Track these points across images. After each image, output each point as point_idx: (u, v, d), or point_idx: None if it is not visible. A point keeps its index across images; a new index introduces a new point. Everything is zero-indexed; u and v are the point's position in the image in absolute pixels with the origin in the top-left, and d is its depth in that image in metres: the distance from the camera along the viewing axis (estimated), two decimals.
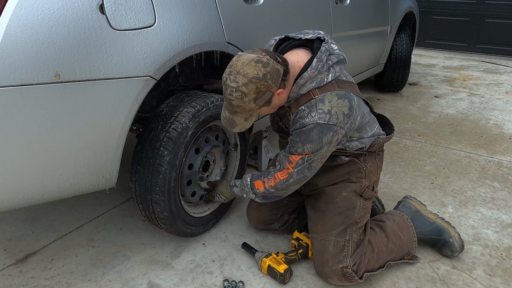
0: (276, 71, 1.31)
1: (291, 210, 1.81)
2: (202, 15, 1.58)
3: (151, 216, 1.63)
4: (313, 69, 1.38)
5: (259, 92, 1.31)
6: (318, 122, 1.37)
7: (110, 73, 1.28)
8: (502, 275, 1.61)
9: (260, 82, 1.29)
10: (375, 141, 1.58)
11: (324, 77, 1.40)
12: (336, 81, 1.42)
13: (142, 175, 1.55)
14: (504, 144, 2.86)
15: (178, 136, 1.52)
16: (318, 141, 1.38)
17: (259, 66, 1.29)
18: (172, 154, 1.52)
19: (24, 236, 1.86)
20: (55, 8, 1.16)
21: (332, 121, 1.37)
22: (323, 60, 1.38)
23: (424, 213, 1.75)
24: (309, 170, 1.47)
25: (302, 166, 1.45)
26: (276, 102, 1.40)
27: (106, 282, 1.58)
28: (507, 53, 5.76)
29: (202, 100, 1.62)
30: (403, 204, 1.82)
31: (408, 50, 3.82)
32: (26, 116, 1.15)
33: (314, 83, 1.39)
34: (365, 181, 1.59)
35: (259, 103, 1.34)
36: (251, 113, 1.40)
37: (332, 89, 1.39)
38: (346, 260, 1.49)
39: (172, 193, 1.57)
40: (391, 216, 1.72)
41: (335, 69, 1.42)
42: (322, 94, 1.39)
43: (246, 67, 1.29)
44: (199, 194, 1.78)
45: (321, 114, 1.37)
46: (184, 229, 1.71)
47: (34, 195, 1.28)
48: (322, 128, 1.37)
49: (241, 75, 1.29)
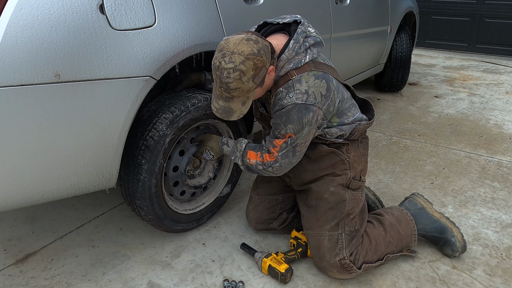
0: (266, 47, 1.32)
1: (288, 208, 1.82)
2: (202, 15, 1.58)
3: (140, 216, 1.66)
4: (290, 50, 1.39)
5: (257, 68, 1.29)
6: (296, 102, 1.37)
7: (110, 73, 1.28)
8: (502, 275, 1.61)
9: (257, 58, 1.28)
10: (355, 128, 1.57)
11: (301, 58, 1.41)
12: (313, 62, 1.43)
13: (125, 181, 1.57)
14: (504, 144, 2.86)
15: (155, 145, 1.50)
16: (298, 121, 1.39)
17: (251, 43, 1.28)
18: (150, 163, 1.50)
19: (24, 236, 1.86)
20: (55, 8, 1.16)
21: (309, 101, 1.38)
22: (300, 41, 1.40)
23: (429, 211, 1.75)
24: (294, 154, 1.47)
25: (286, 150, 1.45)
26: (268, 82, 1.40)
27: (106, 282, 1.58)
28: (507, 53, 5.76)
29: (182, 103, 1.56)
30: (409, 200, 1.82)
31: (408, 50, 3.82)
32: (26, 116, 1.15)
33: (291, 64, 1.40)
34: (350, 172, 1.59)
35: (257, 81, 1.32)
36: (248, 95, 1.37)
37: (309, 70, 1.40)
38: (343, 252, 1.51)
39: (155, 198, 1.58)
40: (390, 211, 1.73)
41: (312, 51, 1.43)
42: (299, 75, 1.40)
43: (239, 46, 1.28)
44: (190, 192, 1.77)
45: (299, 95, 1.38)
46: (174, 227, 1.74)
47: (34, 195, 1.29)
48: (301, 108, 1.37)
49: (236, 54, 1.27)
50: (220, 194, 1.91)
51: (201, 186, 1.81)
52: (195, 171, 1.78)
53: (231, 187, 1.95)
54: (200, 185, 1.80)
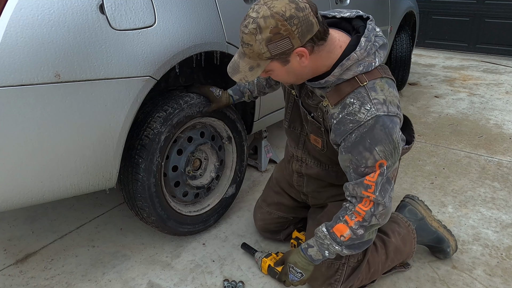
0: (308, 22, 1.06)
1: (297, 222, 1.77)
2: (202, 15, 1.58)
3: (143, 219, 1.65)
4: (362, 50, 1.14)
5: (277, 33, 1.05)
6: (378, 114, 1.11)
7: (110, 73, 1.28)
8: (502, 275, 1.61)
9: (282, 22, 1.04)
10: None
11: (371, 61, 1.16)
12: (382, 68, 1.19)
13: (125, 183, 1.57)
14: (504, 144, 2.86)
15: (150, 143, 1.50)
16: (387, 139, 1.12)
17: (292, 6, 1.05)
18: (147, 161, 1.50)
19: (24, 236, 1.86)
20: (55, 8, 1.16)
21: (392, 111, 1.13)
22: (372, 39, 1.15)
23: (428, 220, 1.66)
24: (390, 183, 1.19)
25: (381, 184, 1.16)
26: (296, 66, 1.14)
27: (106, 282, 1.58)
28: (507, 53, 5.76)
29: (175, 101, 1.57)
30: (409, 209, 1.68)
31: (408, 50, 3.82)
32: (26, 116, 1.15)
33: (361, 67, 1.15)
34: None
35: (272, 49, 1.08)
36: (258, 61, 1.13)
37: (380, 76, 1.17)
38: (337, 285, 1.41)
39: (155, 198, 1.57)
40: (397, 228, 1.58)
41: (379, 54, 1.18)
42: (371, 81, 1.15)
43: (277, 1, 1.06)
44: (192, 193, 1.77)
45: (378, 105, 1.12)
46: (179, 229, 1.72)
47: (34, 195, 1.28)
48: (385, 121, 1.12)
49: (266, 6, 1.06)
50: (225, 195, 1.90)
51: (203, 186, 1.80)
52: (196, 172, 1.78)
53: (236, 187, 1.94)
54: (203, 186, 1.80)
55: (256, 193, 2.20)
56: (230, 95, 1.68)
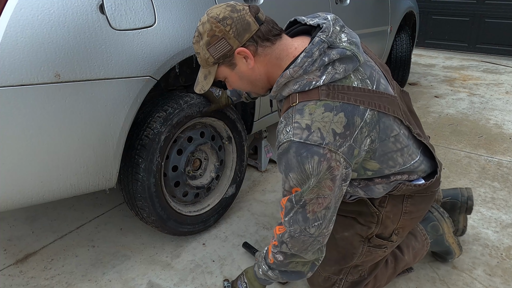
0: (243, 21, 1.05)
1: None
2: (202, 15, 1.58)
3: (143, 220, 1.65)
4: (296, 67, 1.05)
5: (213, 36, 1.07)
6: (292, 139, 1.02)
7: (110, 73, 1.28)
8: (502, 275, 1.61)
9: (216, 24, 1.06)
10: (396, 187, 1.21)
11: (312, 79, 1.05)
12: (330, 87, 1.04)
13: (125, 183, 1.57)
14: (504, 144, 2.86)
15: (150, 143, 1.50)
16: (298, 168, 1.02)
17: (227, 10, 1.07)
18: (147, 161, 1.51)
19: (24, 236, 1.86)
20: (55, 8, 1.16)
21: (311, 139, 1.00)
22: (314, 55, 1.04)
23: (446, 237, 1.59)
24: (305, 219, 1.07)
25: (293, 212, 1.08)
26: (244, 69, 1.12)
27: (106, 282, 1.58)
28: (507, 53, 5.76)
29: (175, 101, 1.57)
30: (433, 224, 1.58)
31: (408, 50, 3.82)
32: (26, 116, 1.15)
33: (297, 85, 1.07)
34: (375, 228, 1.28)
35: (213, 52, 1.09)
36: (209, 68, 1.14)
37: (317, 98, 1.03)
38: None
39: (155, 198, 1.57)
40: (414, 242, 1.52)
41: (335, 69, 1.05)
42: (302, 103, 1.05)
43: (215, 8, 1.09)
44: (193, 193, 1.77)
45: (297, 130, 1.02)
46: (179, 229, 1.72)
47: (34, 195, 1.28)
48: (299, 149, 1.01)
49: (205, 14, 1.10)
50: (225, 195, 1.90)
51: (203, 186, 1.80)
52: (196, 172, 1.77)
53: (236, 187, 1.94)
54: (203, 186, 1.80)
55: (256, 193, 2.20)
56: (228, 96, 1.68)
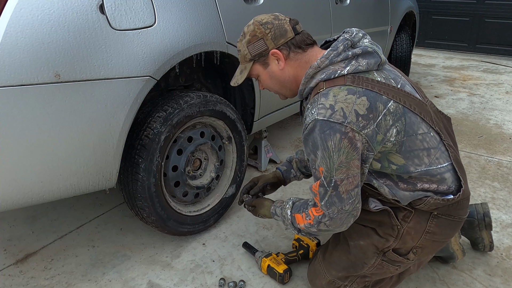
0: (282, 28, 1.23)
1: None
2: (202, 15, 1.58)
3: (143, 219, 1.65)
4: (323, 58, 1.18)
5: (254, 36, 1.24)
6: (317, 118, 1.10)
7: (110, 73, 1.28)
8: (502, 275, 1.61)
9: (258, 26, 1.24)
10: (423, 200, 1.20)
11: (337, 69, 1.16)
12: (354, 76, 1.14)
13: (125, 183, 1.57)
14: (504, 144, 2.86)
15: (150, 143, 1.50)
16: (322, 145, 1.10)
17: (271, 17, 1.25)
18: (147, 161, 1.51)
19: (24, 236, 1.86)
20: (55, 8, 1.17)
21: (334, 117, 1.08)
22: (338, 48, 1.17)
23: (452, 245, 1.56)
24: (341, 199, 1.13)
25: (328, 196, 1.14)
26: (275, 69, 1.27)
27: (106, 282, 1.58)
28: (507, 53, 5.76)
29: (175, 101, 1.57)
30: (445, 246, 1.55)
31: (408, 50, 3.82)
32: (26, 116, 1.15)
33: (324, 75, 1.17)
34: (393, 242, 1.27)
35: (251, 50, 1.25)
36: (245, 64, 1.30)
37: (343, 84, 1.13)
38: None
39: (155, 198, 1.57)
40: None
41: (358, 62, 1.16)
42: (328, 88, 1.14)
43: (262, 15, 1.28)
44: (193, 193, 1.77)
45: (321, 110, 1.10)
46: (179, 229, 1.72)
47: (34, 195, 1.29)
48: (323, 127, 1.09)
49: (253, 19, 1.28)
50: (225, 195, 1.90)
51: (203, 186, 1.80)
52: (196, 172, 1.77)
53: (236, 187, 1.94)
54: (203, 186, 1.80)
55: None
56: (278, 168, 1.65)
